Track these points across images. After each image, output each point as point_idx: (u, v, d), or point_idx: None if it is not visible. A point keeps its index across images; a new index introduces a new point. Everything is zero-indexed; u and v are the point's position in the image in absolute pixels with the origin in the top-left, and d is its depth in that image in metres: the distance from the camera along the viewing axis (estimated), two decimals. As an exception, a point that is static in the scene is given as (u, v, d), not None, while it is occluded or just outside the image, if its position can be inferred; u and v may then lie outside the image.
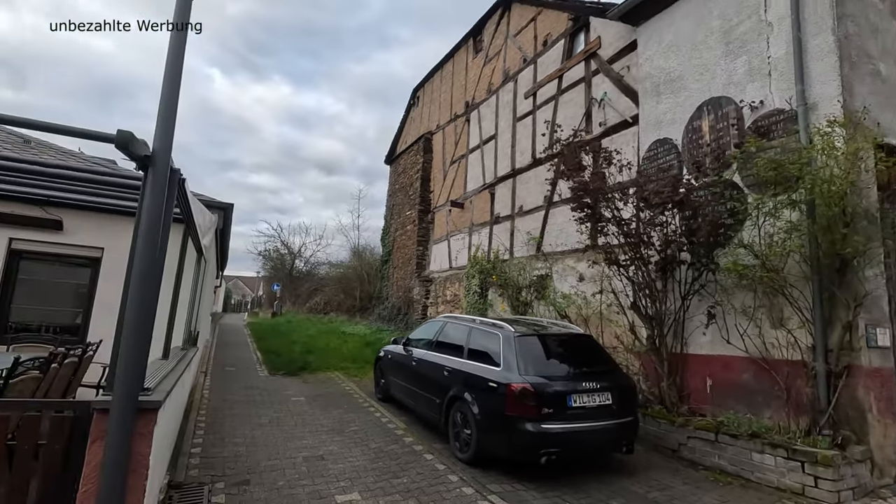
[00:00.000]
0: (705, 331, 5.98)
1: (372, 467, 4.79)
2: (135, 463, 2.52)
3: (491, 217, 12.26)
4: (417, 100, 19.12)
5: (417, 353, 6.59)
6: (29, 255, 6.83)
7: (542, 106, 10.75)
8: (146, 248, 2.66)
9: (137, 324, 2.58)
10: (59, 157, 7.68)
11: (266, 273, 43.57)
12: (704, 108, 6.49)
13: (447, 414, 5.41)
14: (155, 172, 2.71)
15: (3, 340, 6.23)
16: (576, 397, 4.62)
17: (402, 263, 17.71)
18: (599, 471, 4.95)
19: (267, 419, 6.38)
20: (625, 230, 6.38)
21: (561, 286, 8.73)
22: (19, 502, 2.40)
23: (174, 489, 4.00)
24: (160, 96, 2.79)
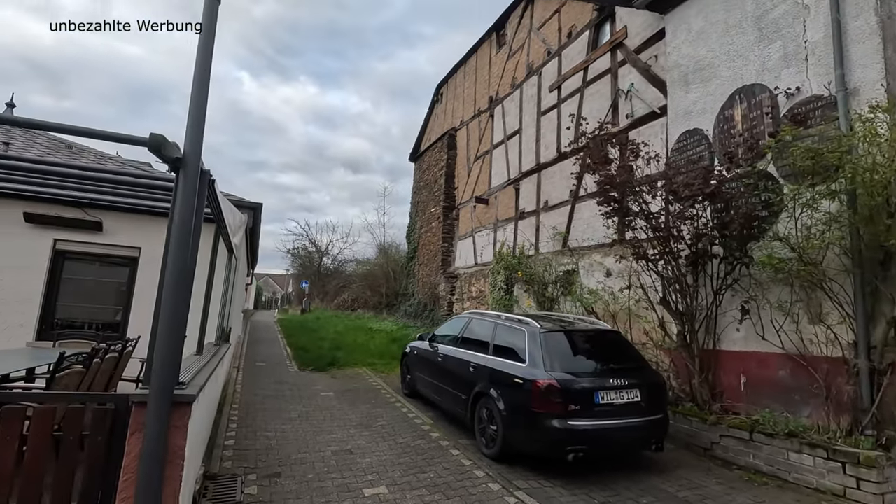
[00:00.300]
0: (739, 327, 5.80)
1: (399, 462, 4.85)
2: (171, 454, 2.62)
3: (516, 212, 12.18)
4: (441, 96, 19.12)
5: (443, 350, 6.62)
6: (72, 255, 7.15)
7: (567, 99, 10.59)
8: (179, 247, 2.75)
9: (171, 320, 2.68)
10: (98, 160, 8.03)
11: (295, 271, 44.48)
12: (737, 97, 6.27)
13: (473, 410, 5.42)
14: (186, 174, 2.79)
15: (50, 337, 6.56)
16: (603, 394, 4.56)
17: (428, 260, 17.79)
18: (629, 468, 4.88)
19: (297, 413, 6.53)
20: (653, 224, 6.24)
21: (588, 282, 8.61)
22: (66, 490, 2.53)
23: (209, 480, 4.14)
24: (189, 100, 2.87)
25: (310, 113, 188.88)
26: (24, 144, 7.88)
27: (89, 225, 7.01)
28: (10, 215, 6.71)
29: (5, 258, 6.65)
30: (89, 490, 2.57)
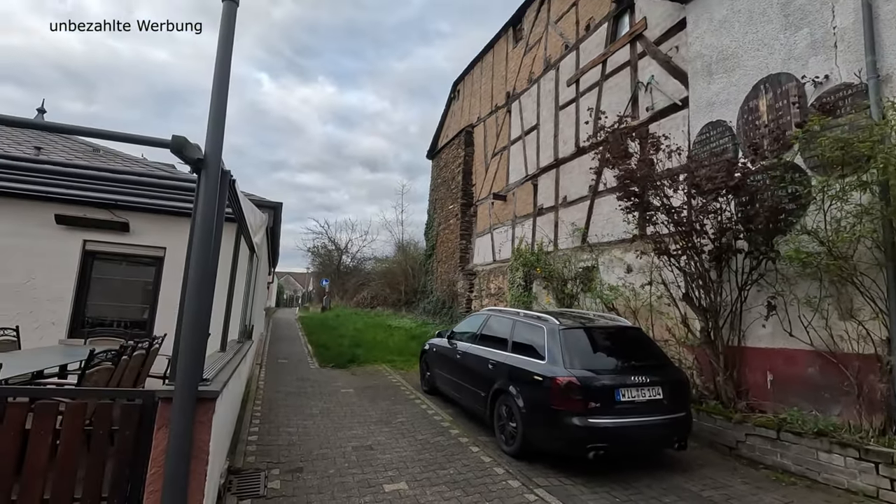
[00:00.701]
0: (765, 323, 5.66)
1: (419, 458, 4.87)
2: (196, 449, 2.68)
3: (534, 209, 12.09)
4: (458, 93, 19.07)
5: (462, 347, 6.62)
6: (101, 255, 7.37)
7: (585, 93, 10.45)
8: (201, 246, 2.80)
9: (195, 318, 2.74)
10: (124, 163, 8.25)
11: (315, 269, 45.03)
12: (761, 87, 6.09)
13: (492, 407, 5.41)
14: (207, 174, 2.85)
15: (81, 334, 6.78)
16: (624, 391, 4.50)
17: (446, 257, 17.80)
18: (651, 467, 4.81)
19: (318, 410, 6.61)
20: (675, 219, 6.12)
21: (608, 278, 8.50)
22: (97, 482, 2.61)
23: (234, 474, 4.23)
24: (210, 102, 2.92)
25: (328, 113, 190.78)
26: (55, 149, 8.14)
27: (117, 226, 7.21)
28: (42, 217, 6.95)
29: (38, 259, 6.89)
30: (119, 483, 2.65)
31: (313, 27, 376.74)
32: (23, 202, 6.88)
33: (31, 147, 7.76)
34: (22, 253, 6.86)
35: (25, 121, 3.35)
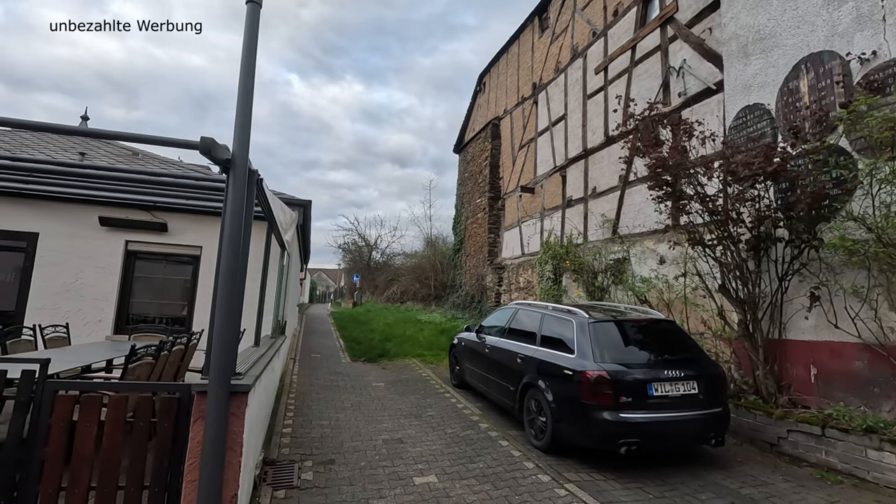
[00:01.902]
0: (808, 314, 5.41)
1: (448, 451, 4.89)
2: (230, 441, 2.77)
3: (563, 201, 11.90)
4: (483, 86, 18.92)
5: (490, 341, 6.60)
6: (142, 255, 7.70)
7: (614, 80, 10.19)
8: (231, 243, 2.88)
9: (227, 314, 2.82)
10: (161, 166, 8.56)
11: (346, 265, 45.74)
12: (802, 67, 5.79)
13: (521, 401, 5.38)
14: (235, 174, 2.92)
15: (125, 331, 7.11)
16: (657, 386, 4.39)
17: (474, 251, 17.76)
18: (686, 463, 4.68)
19: (349, 403, 6.73)
20: (710, 207, 5.90)
21: (640, 270, 8.30)
22: (139, 471, 2.73)
23: (269, 465, 4.35)
24: (236, 104, 2.99)
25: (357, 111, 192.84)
26: (97, 154, 8.52)
27: (156, 226, 7.50)
28: (87, 220, 7.31)
29: (85, 259, 7.26)
30: (159, 472, 2.77)
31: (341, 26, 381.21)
32: (70, 206, 7.25)
33: (75, 153, 8.14)
34: (71, 254, 7.25)
35: (69, 128, 3.52)
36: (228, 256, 2.87)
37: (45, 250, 7.17)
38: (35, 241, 7.16)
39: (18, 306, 7.03)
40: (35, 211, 7.16)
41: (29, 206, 7.13)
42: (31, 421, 2.67)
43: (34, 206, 7.15)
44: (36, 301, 7.06)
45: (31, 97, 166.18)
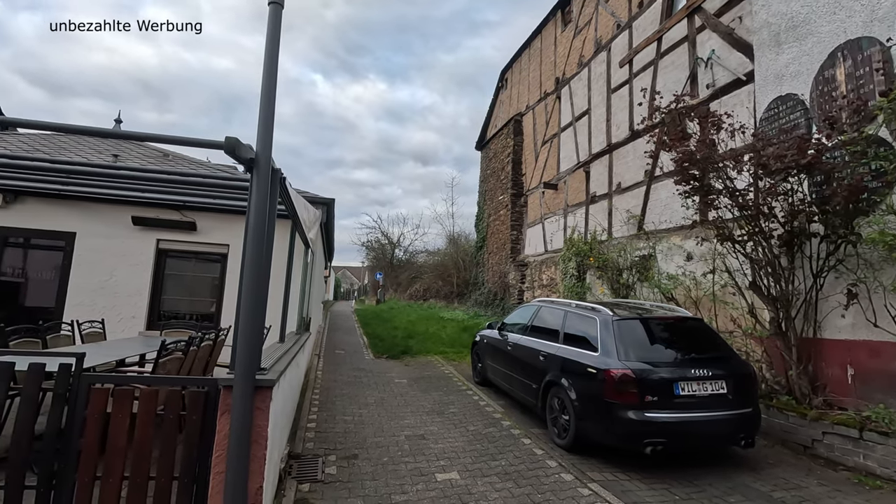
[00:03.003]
0: (844, 312, 5.19)
1: (470, 448, 4.89)
2: (255, 434, 2.83)
3: (586, 197, 11.73)
4: (506, 82, 18.79)
5: (512, 338, 6.56)
6: (172, 253, 7.93)
7: (639, 73, 9.98)
8: (255, 241, 2.94)
9: (251, 311, 2.87)
10: (190, 166, 8.79)
11: (369, 263, 46.17)
12: (839, 55, 5.55)
13: (544, 399, 5.33)
14: (258, 173, 2.97)
15: (157, 327, 7.34)
16: (684, 385, 4.29)
17: (497, 249, 17.69)
18: (715, 464, 4.57)
19: (373, 399, 6.80)
20: (740, 202, 5.72)
21: (666, 266, 8.12)
22: (170, 462, 2.82)
23: (294, 459, 4.44)
24: (259, 104, 3.04)
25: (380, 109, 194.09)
26: (130, 155, 8.81)
27: (185, 225, 7.71)
28: (121, 219, 7.56)
29: (119, 258, 7.52)
30: (188, 463, 2.84)
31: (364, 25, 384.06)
32: (105, 206, 7.51)
33: (109, 155, 8.44)
34: (106, 252, 7.51)
35: (101, 130, 3.65)
36: (252, 254, 2.93)
37: (81, 249, 7.45)
38: (73, 240, 7.45)
39: (58, 303, 7.33)
40: (73, 211, 7.45)
41: (67, 206, 7.42)
42: (68, 413, 2.77)
43: (72, 206, 7.43)
44: (74, 298, 7.35)
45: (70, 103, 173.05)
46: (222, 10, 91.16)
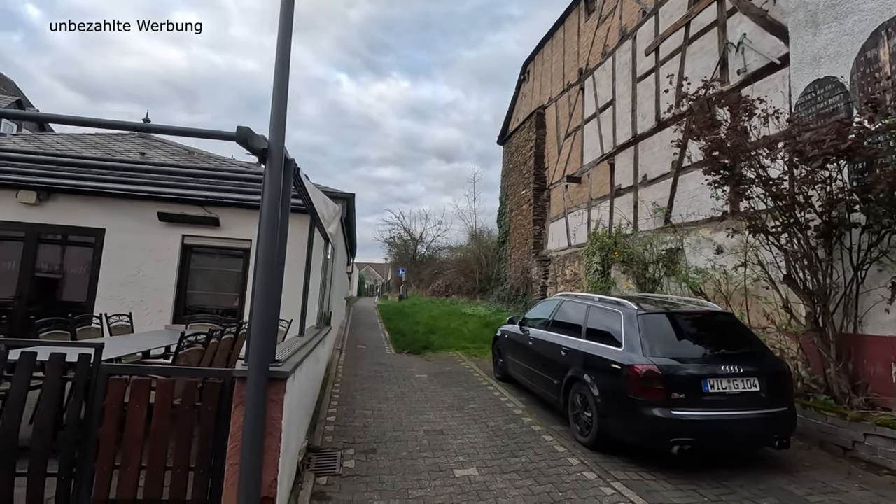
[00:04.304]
0: (888, 307, 4.89)
1: (490, 445, 4.81)
2: (269, 426, 2.81)
3: (611, 190, 11.46)
4: (528, 74, 18.52)
5: (534, 333, 6.44)
6: (197, 248, 8.07)
7: (666, 61, 9.65)
8: (268, 233, 2.91)
9: (265, 302, 2.85)
10: (214, 163, 8.92)
11: (392, 259, 46.43)
12: (882, 33, 5.21)
13: (566, 395, 5.20)
14: (271, 163, 2.94)
15: (183, 320, 7.48)
16: (713, 382, 4.10)
17: (519, 244, 17.49)
18: (747, 465, 4.36)
19: (392, 394, 6.78)
20: (773, 191, 5.44)
21: (694, 260, 7.83)
22: (186, 453, 2.83)
23: (312, 452, 4.43)
24: (272, 92, 3.01)
25: (403, 107, 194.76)
26: (156, 153, 8.99)
27: (209, 221, 7.83)
28: (148, 215, 7.73)
29: (146, 253, 7.69)
30: (204, 454, 2.85)
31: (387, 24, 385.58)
32: (132, 202, 7.69)
33: (136, 153, 8.63)
34: (134, 247, 7.70)
35: (123, 123, 3.68)
36: (266, 245, 2.91)
37: (111, 245, 7.65)
38: (102, 236, 7.66)
39: (89, 297, 7.55)
40: (102, 208, 7.65)
41: (97, 203, 7.62)
42: (87, 403, 2.81)
43: (101, 203, 7.63)
44: (104, 292, 7.56)
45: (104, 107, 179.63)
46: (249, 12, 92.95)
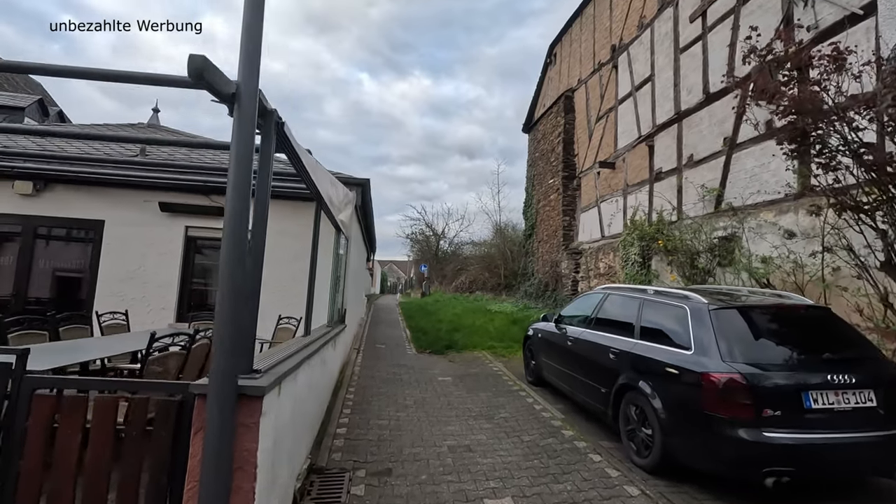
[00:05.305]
0: None
1: (526, 465, 4.02)
2: (240, 459, 2.09)
3: (650, 174, 10.45)
4: (554, 57, 17.52)
5: (573, 332, 5.60)
6: (202, 241, 7.50)
7: (715, 26, 8.61)
8: (237, 203, 2.20)
9: (234, 294, 2.14)
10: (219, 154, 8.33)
11: (415, 256, 45.82)
12: None
13: (616, 406, 4.37)
14: (241, 112, 2.21)
15: (187, 318, 6.91)
16: (816, 395, 3.21)
17: (547, 236, 16.55)
18: (854, 499, 3.45)
19: (412, 400, 6.05)
20: (867, 161, 4.47)
21: (756, 247, 6.83)
22: (132, 491, 2.13)
23: (315, 474, 3.73)
24: (242, 20, 2.28)
25: (425, 105, 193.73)
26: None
27: (214, 211, 7.23)
28: (149, 206, 7.19)
29: (148, 246, 7.16)
30: (157, 492, 2.15)
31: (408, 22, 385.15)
32: (133, 191, 7.16)
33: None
34: (135, 241, 7.17)
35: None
36: (233, 220, 2.20)
37: (110, 238, 7.15)
38: (101, 228, 7.15)
39: (88, 294, 7.06)
40: (101, 198, 7.15)
41: (95, 193, 7.12)
42: (4, 424, 2.14)
43: (100, 193, 7.13)
44: (104, 288, 7.06)
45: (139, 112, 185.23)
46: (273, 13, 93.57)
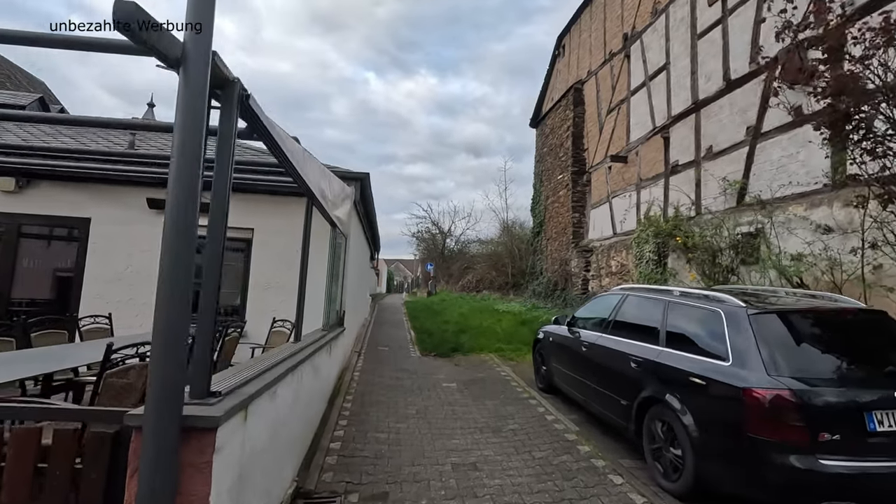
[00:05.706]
0: None
1: (539, 488, 3.58)
2: (185, 508, 1.67)
3: (666, 167, 9.94)
4: (563, 49, 16.99)
5: (587, 336, 5.15)
6: (193, 239, 7.11)
7: (736, 8, 8.08)
8: (181, 190, 1.80)
9: (174, 302, 1.72)
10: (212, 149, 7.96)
11: (421, 254, 45.40)
12: None
13: (639, 420, 3.91)
14: (187, 76, 1.79)
15: (176, 321, 6.53)
16: (881, 416, 2.73)
17: (556, 234, 16.05)
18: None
19: (414, 409, 5.62)
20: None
21: (785, 244, 6.33)
22: (58, 547, 1.72)
23: (302, 498, 3.32)
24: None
25: (431, 103, 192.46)
26: (156, 143, 8.12)
27: (204, 207, 6.82)
28: (137, 203, 6.82)
29: (136, 245, 6.78)
30: (88, 550, 1.74)
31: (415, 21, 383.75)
32: (120, 188, 6.81)
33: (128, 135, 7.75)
34: (122, 239, 6.81)
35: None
36: (176, 210, 1.78)
37: (96, 237, 6.79)
38: (87, 226, 6.80)
39: (74, 296, 6.71)
40: (87, 195, 6.79)
41: (81, 190, 6.77)
42: None
43: (86, 189, 6.77)
44: (90, 290, 6.71)
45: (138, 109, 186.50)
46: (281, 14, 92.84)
